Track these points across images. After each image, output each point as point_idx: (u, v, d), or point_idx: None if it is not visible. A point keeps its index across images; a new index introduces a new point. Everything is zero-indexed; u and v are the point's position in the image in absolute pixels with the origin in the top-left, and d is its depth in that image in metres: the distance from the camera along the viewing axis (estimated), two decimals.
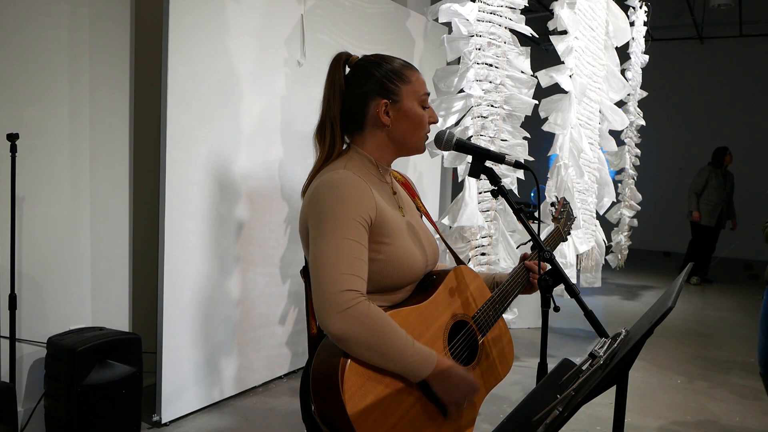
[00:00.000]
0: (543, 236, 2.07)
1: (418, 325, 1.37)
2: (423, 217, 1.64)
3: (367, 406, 1.23)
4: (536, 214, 3.63)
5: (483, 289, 1.58)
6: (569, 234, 2.02)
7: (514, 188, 3.73)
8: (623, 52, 5.19)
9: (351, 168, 1.40)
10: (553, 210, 2.02)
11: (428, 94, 1.50)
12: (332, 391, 1.23)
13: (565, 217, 2.00)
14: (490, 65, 3.52)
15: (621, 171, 6.38)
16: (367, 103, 1.44)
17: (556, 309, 1.53)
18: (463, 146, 1.57)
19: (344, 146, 1.49)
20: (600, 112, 4.57)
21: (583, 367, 1.15)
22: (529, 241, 1.65)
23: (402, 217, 1.47)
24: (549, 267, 1.55)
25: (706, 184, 7.37)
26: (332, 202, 1.32)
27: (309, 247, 1.35)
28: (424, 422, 1.32)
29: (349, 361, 1.24)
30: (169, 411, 3.03)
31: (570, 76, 3.91)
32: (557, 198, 2.08)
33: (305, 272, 1.46)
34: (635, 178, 6.45)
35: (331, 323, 1.23)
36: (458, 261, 1.65)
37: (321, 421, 1.28)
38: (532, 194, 5.84)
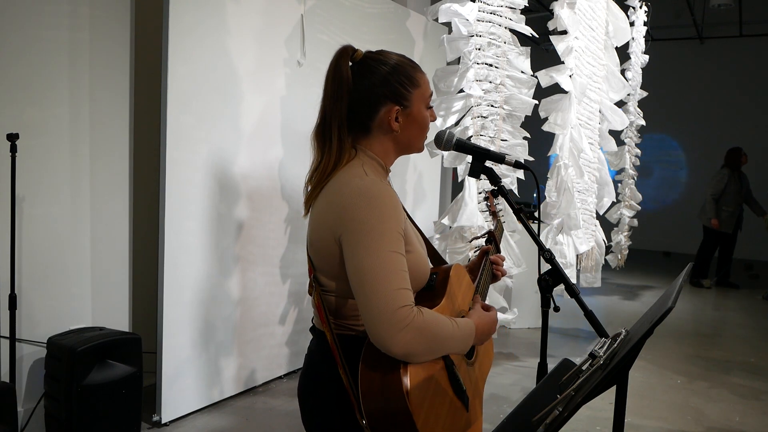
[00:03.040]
0: (542, 236, 2.08)
1: None
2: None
3: (427, 416, 1.25)
4: (536, 214, 3.63)
5: (471, 284, 1.60)
6: (504, 222, 2.05)
7: (514, 188, 3.73)
8: (623, 52, 5.19)
9: (371, 173, 1.32)
10: (488, 204, 2.03)
11: (432, 94, 1.46)
12: (397, 410, 1.22)
13: (503, 209, 2.01)
14: (490, 65, 3.52)
15: (621, 171, 6.38)
16: (377, 108, 1.35)
17: (556, 309, 1.54)
18: (463, 146, 1.57)
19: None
20: (600, 112, 4.57)
21: (583, 367, 1.15)
22: (483, 235, 1.71)
23: (408, 222, 1.45)
24: (503, 257, 1.65)
25: (725, 189, 7.12)
26: (373, 214, 1.24)
27: (343, 258, 1.27)
28: (457, 416, 1.36)
29: (408, 376, 1.23)
30: (169, 411, 3.03)
31: (570, 76, 3.91)
32: (486, 191, 2.09)
33: (316, 280, 1.38)
34: (635, 178, 6.45)
35: (393, 343, 1.19)
36: (439, 258, 1.63)
37: None
38: (535, 195, 5.83)
